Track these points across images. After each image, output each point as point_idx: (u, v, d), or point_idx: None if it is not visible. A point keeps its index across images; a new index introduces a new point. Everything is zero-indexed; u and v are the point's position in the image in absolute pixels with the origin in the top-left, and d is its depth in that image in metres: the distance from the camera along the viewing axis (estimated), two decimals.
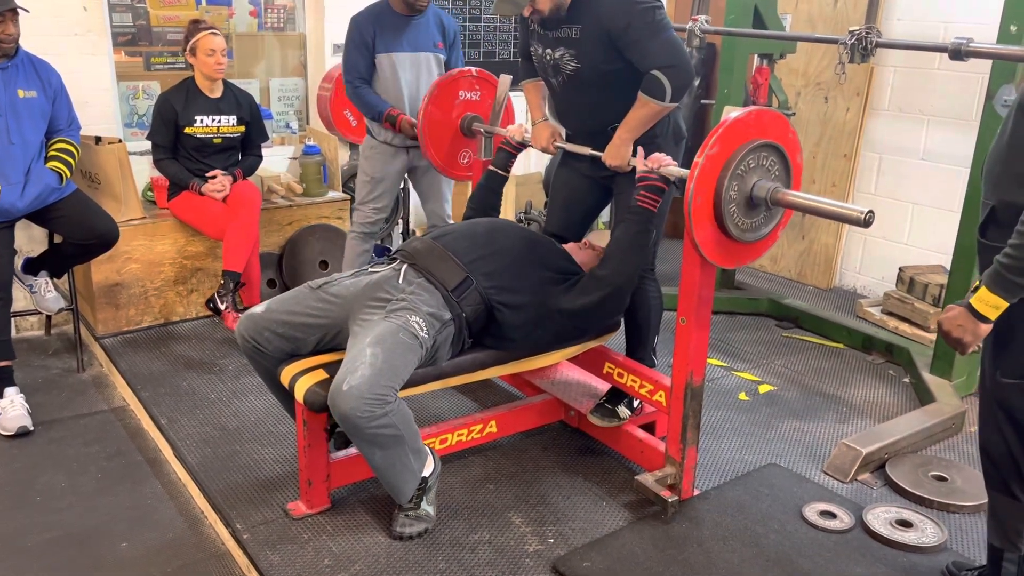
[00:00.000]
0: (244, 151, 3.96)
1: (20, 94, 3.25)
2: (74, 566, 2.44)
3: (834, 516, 2.59)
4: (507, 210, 4.65)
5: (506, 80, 3.30)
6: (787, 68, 4.73)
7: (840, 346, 4.03)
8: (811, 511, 2.61)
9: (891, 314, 4.20)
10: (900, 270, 4.26)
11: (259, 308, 2.55)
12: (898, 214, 4.52)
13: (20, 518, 2.65)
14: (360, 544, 2.44)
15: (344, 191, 4.58)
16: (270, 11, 4.59)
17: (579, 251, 2.83)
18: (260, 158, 4.01)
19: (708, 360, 2.60)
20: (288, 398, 2.52)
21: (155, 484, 2.86)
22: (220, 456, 2.90)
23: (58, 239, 3.59)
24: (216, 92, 3.80)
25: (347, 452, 2.65)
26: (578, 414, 3.02)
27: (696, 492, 2.68)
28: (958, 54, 2.96)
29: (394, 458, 2.34)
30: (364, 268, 2.71)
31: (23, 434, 3.11)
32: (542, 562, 2.38)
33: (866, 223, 2.14)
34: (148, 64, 4.30)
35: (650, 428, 2.99)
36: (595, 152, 2.77)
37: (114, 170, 3.75)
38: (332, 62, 4.57)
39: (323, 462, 2.54)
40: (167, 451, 3.01)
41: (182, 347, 3.79)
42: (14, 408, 3.15)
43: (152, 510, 2.72)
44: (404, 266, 2.58)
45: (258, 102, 4.02)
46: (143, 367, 3.56)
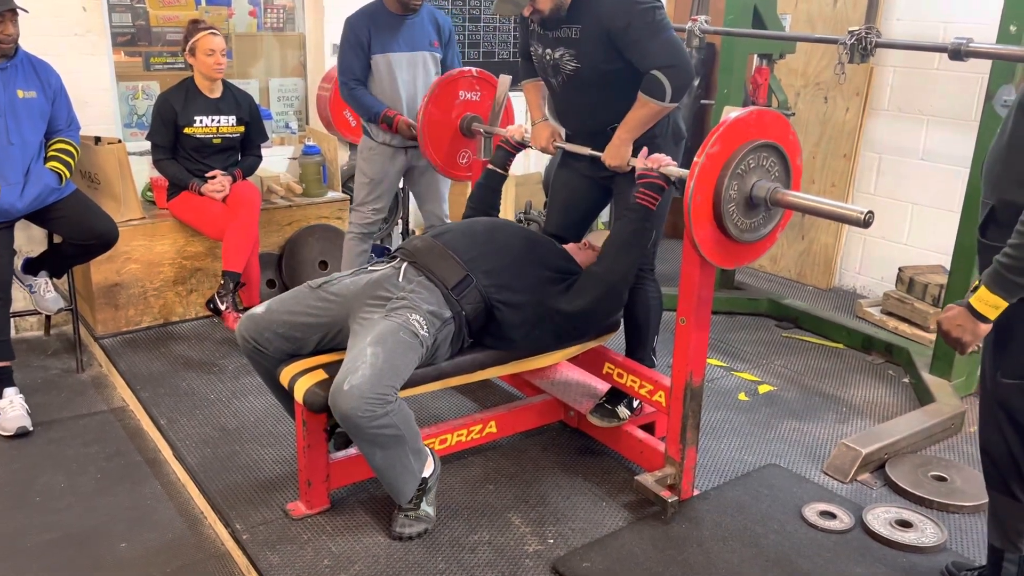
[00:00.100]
0: (243, 151, 3.96)
1: (19, 94, 3.25)
2: (73, 566, 2.44)
3: (834, 516, 2.59)
4: (507, 210, 4.64)
5: (506, 80, 3.30)
6: (787, 68, 4.73)
7: (840, 346, 4.03)
8: (811, 511, 2.61)
9: (891, 314, 4.20)
10: (900, 270, 4.26)
11: (259, 308, 2.55)
12: (898, 214, 4.52)
13: (19, 518, 2.65)
14: (360, 544, 2.44)
15: (344, 191, 4.57)
16: (269, 11, 4.59)
17: (579, 251, 2.83)
18: (260, 158, 4.01)
19: (708, 360, 2.59)
20: (288, 398, 2.51)
21: (154, 484, 2.86)
22: (220, 456, 2.89)
23: (57, 239, 3.59)
24: (215, 92, 3.80)
25: (346, 452, 2.65)
26: (578, 414, 3.02)
27: (696, 492, 2.68)
28: (958, 54, 2.96)
29: (394, 458, 2.34)
30: (364, 267, 2.71)
31: (22, 434, 3.11)
32: (542, 562, 2.38)
33: (866, 223, 2.14)
34: (147, 64, 4.30)
35: (650, 428, 2.99)
36: (595, 152, 2.77)
37: (113, 170, 3.75)
38: (331, 62, 4.57)
39: (323, 462, 2.54)
40: (166, 451, 3.01)
41: (181, 347, 3.79)
42: (13, 408, 3.15)
43: (151, 510, 2.72)
44: (404, 264, 2.57)
45: (257, 102, 4.02)
46: (142, 367, 3.56)
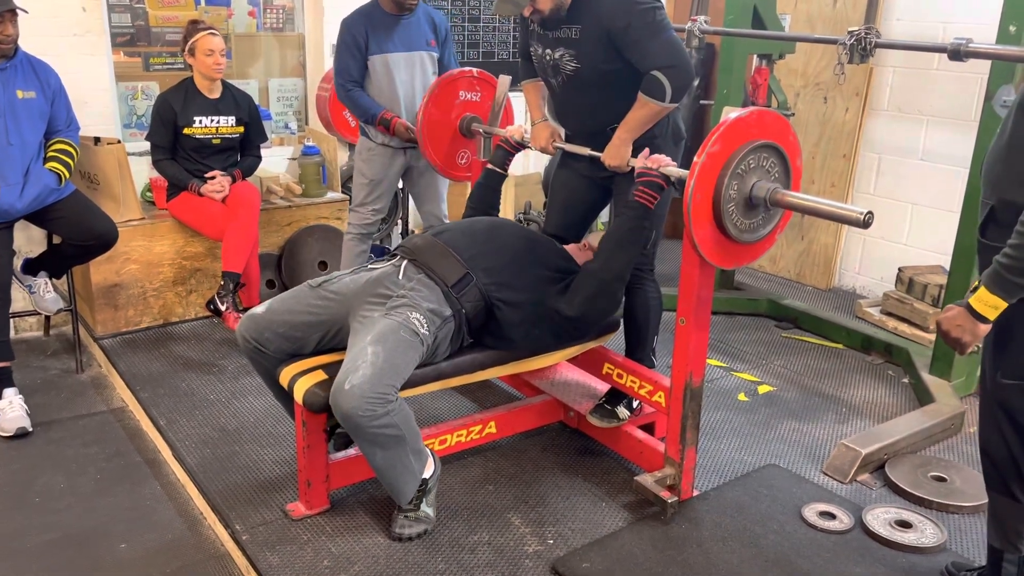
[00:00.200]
0: (243, 152, 3.96)
1: (19, 95, 3.25)
2: (73, 567, 2.44)
3: (833, 517, 2.59)
4: (506, 211, 4.64)
5: (505, 81, 3.29)
6: (786, 68, 4.73)
7: (839, 346, 4.03)
8: (810, 512, 2.61)
9: (890, 314, 4.20)
10: (899, 270, 4.26)
11: (260, 308, 2.55)
12: (897, 214, 4.52)
13: (19, 519, 2.65)
14: (359, 545, 2.43)
15: (343, 192, 4.57)
16: (269, 11, 4.59)
17: (579, 252, 2.83)
18: (259, 159, 4.01)
19: (707, 361, 2.59)
20: (288, 399, 2.51)
21: (154, 485, 2.86)
22: (219, 457, 2.89)
23: (57, 240, 3.59)
24: (215, 93, 3.80)
25: (346, 453, 2.64)
26: (577, 415, 3.02)
27: (695, 493, 2.68)
28: (957, 54, 2.96)
29: (395, 458, 2.34)
30: (364, 265, 2.71)
31: (22, 435, 3.11)
32: (541, 563, 2.38)
33: (865, 224, 2.14)
34: (147, 64, 4.30)
35: (649, 429, 2.99)
36: (594, 152, 2.77)
37: (113, 171, 3.75)
38: (331, 63, 4.55)
39: (322, 463, 2.54)
40: (166, 452, 3.01)
41: (181, 348, 3.79)
42: (13, 409, 3.15)
43: (151, 511, 2.72)
44: (404, 262, 2.57)
45: (257, 103, 4.02)
46: (142, 368, 3.56)
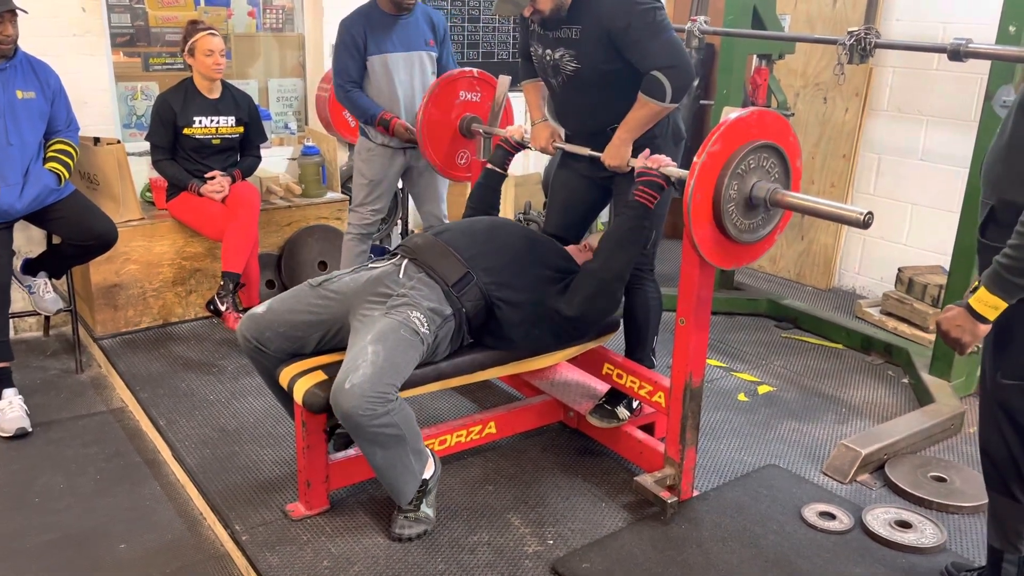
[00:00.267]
0: (243, 152, 3.96)
1: (19, 95, 3.25)
2: (73, 567, 2.44)
3: (833, 517, 2.59)
4: (506, 211, 4.64)
5: (505, 81, 3.29)
6: (786, 68, 4.73)
7: (839, 347, 4.03)
8: (810, 512, 2.61)
9: (890, 314, 4.20)
10: (899, 270, 4.26)
11: (260, 308, 2.55)
12: (897, 214, 4.52)
13: (19, 519, 2.64)
14: (359, 545, 2.43)
15: (343, 192, 4.57)
16: (268, 12, 4.59)
17: (580, 253, 2.83)
18: (259, 159, 4.01)
19: (707, 361, 2.59)
20: (288, 399, 2.51)
21: (154, 485, 2.86)
22: (219, 457, 2.89)
23: (56, 240, 3.59)
24: (215, 93, 3.79)
25: (346, 453, 2.64)
26: (577, 415, 3.02)
27: (695, 493, 2.68)
28: (957, 55, 2.96)
29: (395, 458, 2.34)
30: (364, 264, 2.71)
31: (22, 435, 3.10)
32: (541, 563, 2.38)
33: (865, 224, 2.14)
34: (146, 65, 4.30)
35: (649, 429, 2.99)
36: (594, 153, 2.77)
37: (112, 171, 3.75)
38: (330, 63, 4.56)
39: (322, 463, 2.54)
40: (166, 452, 3.01)
41: (181, 348, 3.78)
42: (12, 409, 3.15)
43: (151, 511, 2.72)
44: (405, 261, 2.57)
45: (257, 103, 4.02)
46: (142, 368, 3.56)
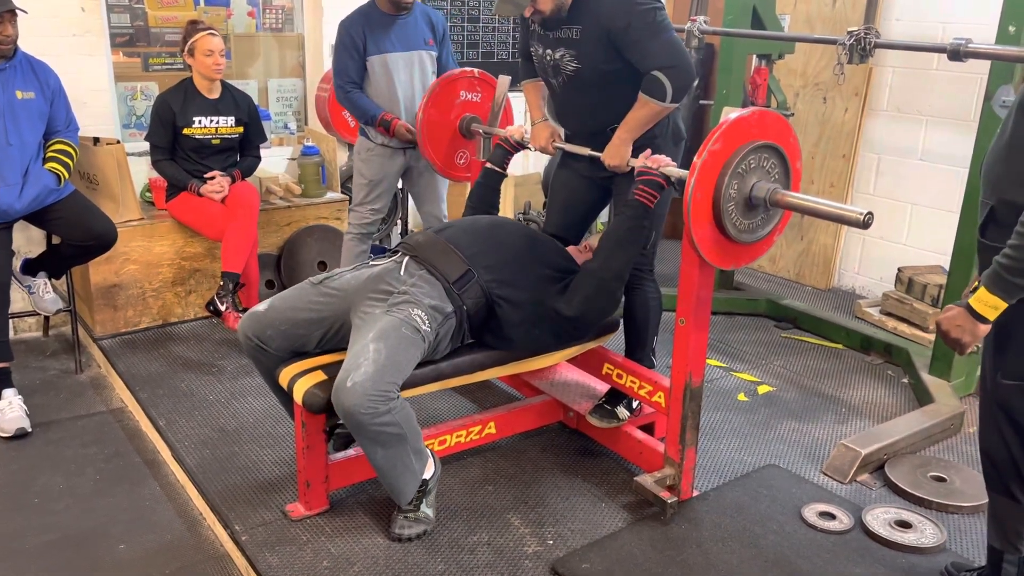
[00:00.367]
0: (242, 152, 3.95)
1: (18, 95, 3.25)
2: (72, 568, 2.44)
3: (833, 517, 2.59)
4: (506, 211, 4.64)
5: (505, 81, 3.29)
6: (786, 68, 4.73)
7: (839, 347, 4.03)
8: (810, 512, 2.61)
9: (890, 314, 4.20)
10: (899, 270, 4.26)
11: (262, 306, 2.55)
12: (897, 214, 4.52)
13: (18, 520, 2.64)
14: (359, 546, 2.43)
15: (343, 192, 4.57)
16: (268, 12, 4.59)
17: (580, 254, 2.83)
18: (258, 159, 4.01)
19: (707, 361, 2.59)
20: (288, 399, 2.51)
21: (153, 486, 2.86)
22: (219, 457, 2.89)
23: (56, 240, 3.59)
24: (214, 93, 3.79)
25: (346, 454, 2.64)
26: (577, 415, 3.02)
27: (695, 493, 2.68)
28: (957, 55, 2.96)
29: (396, 458, 2.34)
30: (365, 262, 2.71)
31: (21, 435, 3.10)
32: (541, 563, 2.38)
33: (865, 224, 2.14)
34: (146, 65, 4.30)
35: (649, 429, 2.99)
36: (594, 153, 2.77)
37: (112, 171, 3.75)
38: (330, 63, 4.56)
39: (322, 464, 2.54)
40: (165, 452, 3.00)
41: (180, 348, 3.78)
42: (12, 410, 3.14)
43: (150, 512, 2.71)
44: (406, 258, 2.57)
45: (256, 103, 4.02)
46: (141, 368, 3.56)
